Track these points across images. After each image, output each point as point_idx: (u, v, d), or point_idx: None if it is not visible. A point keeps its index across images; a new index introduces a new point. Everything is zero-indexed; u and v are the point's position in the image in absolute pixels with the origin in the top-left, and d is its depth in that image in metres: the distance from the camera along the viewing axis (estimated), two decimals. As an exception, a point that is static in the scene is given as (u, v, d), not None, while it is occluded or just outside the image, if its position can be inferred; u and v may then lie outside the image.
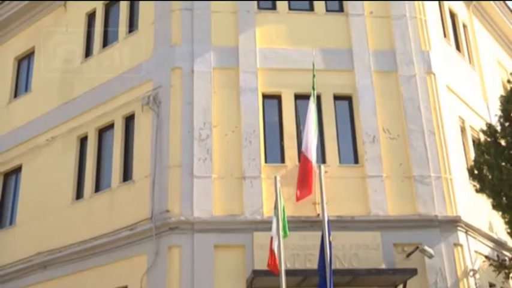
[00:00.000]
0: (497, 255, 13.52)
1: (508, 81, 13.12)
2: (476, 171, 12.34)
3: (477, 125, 15.08)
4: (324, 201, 10.64)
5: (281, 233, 10.67)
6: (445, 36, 15.59)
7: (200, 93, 13.22)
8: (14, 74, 17.15)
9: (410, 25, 14.29)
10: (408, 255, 12.37)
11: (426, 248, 12.18)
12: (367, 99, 13.50)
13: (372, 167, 12.95)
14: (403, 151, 13.18)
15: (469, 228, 13.17)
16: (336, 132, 13.37)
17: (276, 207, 10.78)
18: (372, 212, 12.63)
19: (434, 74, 14.01)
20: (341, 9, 14.40)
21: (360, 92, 13.60)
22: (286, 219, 11.15)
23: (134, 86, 13.97)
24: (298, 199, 12.29)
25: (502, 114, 12.54)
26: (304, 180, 12.17)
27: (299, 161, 12.86)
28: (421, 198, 12.81)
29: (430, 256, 12.20)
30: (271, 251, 10.57)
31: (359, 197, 12.77)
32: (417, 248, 12.26)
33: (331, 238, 10.25)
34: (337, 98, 13.62)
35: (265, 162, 12.98)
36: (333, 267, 10.46)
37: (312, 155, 12.19)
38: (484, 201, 12.96)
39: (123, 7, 15.14)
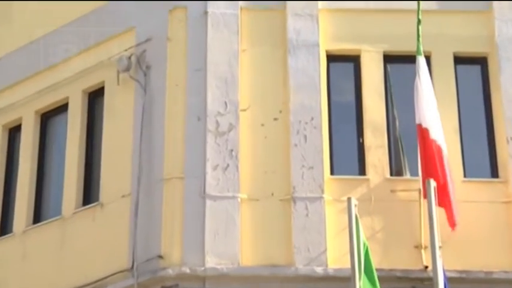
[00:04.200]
0: None
1: None
2: None
3: None
4: (437, 245, 10.19)
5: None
6: None
7: (219, 52, 12.39)
8: None
9: None
10: None
11: None
12: (516, 64, 12.13)
13: (525, 185, 11.62)
14: None
15: None
16: (457, 121, 12.18)
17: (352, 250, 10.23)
18: (525, 264, 11.27)
19: None
20: None
21: (502, 51, 12.38)
22: (375, 271, 10.54)
23: (103, 39, 13.25)
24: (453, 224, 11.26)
25: None
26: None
27: (391, 173, 11.75)
28: None
29: None
30: None
31: (501, 236, 11.56)
32: None
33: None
34: (460, 60, 12.52)
35: (331, 173, 11.89)
36: None
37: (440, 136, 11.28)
38: None
39: None
